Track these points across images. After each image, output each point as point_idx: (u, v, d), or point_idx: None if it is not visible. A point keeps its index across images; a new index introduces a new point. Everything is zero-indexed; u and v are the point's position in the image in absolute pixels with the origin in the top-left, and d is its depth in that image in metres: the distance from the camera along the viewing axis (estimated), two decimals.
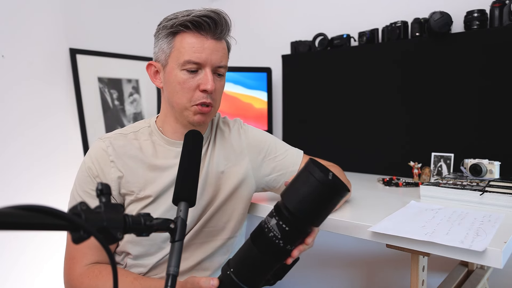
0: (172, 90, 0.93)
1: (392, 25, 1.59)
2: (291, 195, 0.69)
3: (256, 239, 0.72)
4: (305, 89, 1.88)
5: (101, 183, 0.54)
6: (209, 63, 0.91)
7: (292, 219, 0.69)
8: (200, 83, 0.91)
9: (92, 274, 0.88)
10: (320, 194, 0.66)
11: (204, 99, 0.91)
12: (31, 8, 1.58)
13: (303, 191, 0.67)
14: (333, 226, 1.00)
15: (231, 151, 1.05)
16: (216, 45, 0.92)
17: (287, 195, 0.70)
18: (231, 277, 0.72)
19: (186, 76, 0.91)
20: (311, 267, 2.08)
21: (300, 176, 0.69)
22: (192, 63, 0.90)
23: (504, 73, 1.35)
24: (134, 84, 1.95)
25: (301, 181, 0.68)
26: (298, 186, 0.68)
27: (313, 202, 0.67)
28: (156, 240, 0.94)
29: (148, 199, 0.94)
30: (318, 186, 0.66)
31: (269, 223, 0.70)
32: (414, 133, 1.56)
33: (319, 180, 0.66)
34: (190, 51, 0.89)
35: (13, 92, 1.53)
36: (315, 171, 0.66)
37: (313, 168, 0.67)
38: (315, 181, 0.66)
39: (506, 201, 1.03)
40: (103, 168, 0.92)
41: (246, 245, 0.73)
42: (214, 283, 0.72)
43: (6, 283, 1.51)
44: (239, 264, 0.73)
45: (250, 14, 2.23)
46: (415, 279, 0.93)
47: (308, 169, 0.68)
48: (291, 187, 0.70)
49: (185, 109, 0.93)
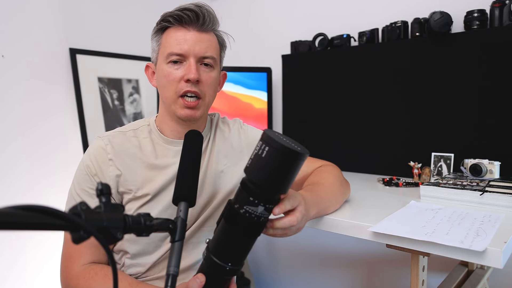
0: (160, 84, 0.95)
1: (392, 25, 1.59)
2: (253, 169, 0.66)
3: (229, 220, 0.69)
4: (305, 89, 1.88)
5: (101, 183, 0.54)
6: (192, 53, 0.91)
7: (258, 191, 0.66)
8: (184, 74, 0.91)
9: (88, 275, 0.87)
10: (278, 162, 0.64)
11: (188, 88, 0.91)
12: (31, 8, 1.58)
13: (263, 162, 0.65)
14: (333, 226, 1.00)
15: (231, 150, 1.05)
16: (199, 36, 0.92)
17: (250, 169, 0.67)
18: (214, 261, 0.69)
19: (170, 68, 0.92)
20: (311, 267, 2.08)
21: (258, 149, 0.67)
22: (175, 55, 0.91)
23: (504, 73, 1.35)
24: (134, 84, 1.95)
25: (258, 153, 0.66)
26: (258, 159, 0.66)
27: (273, 171, 0.64)
28: (154, 239, 0.94)
29: (146, 197, 0.94)
30: (274, 154, 0.63)
31: (239, 201, 0.68)
32: (414, 133, 1.56)
33: (276, 148, 0.63)
34: (173, 44, 0.91)
35: (13, 92, 1.53)
36: (271, 141, 0.64)
37: (269, 138, 0.64)
38: (272, 150, 0.63)
39: (506, 201, 1.03)
40: (101, 166, 0.92)
41: (222, 228, 0.70)
42: (201, 280, 0.70)
43: (6, 283, 1.51)
44: (219, 247, 0.70)
45: (250, 14, 2.23)
46: (415, 279, 0.93)
47: (264, 140, 0.65)
48: (253, 161, 0.67)
49: (173, 102, 0.93)
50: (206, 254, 0.71)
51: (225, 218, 0.69)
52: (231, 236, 0.69)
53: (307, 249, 2.07)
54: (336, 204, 1.04)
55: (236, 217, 0.67)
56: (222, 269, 0.69)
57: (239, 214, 0.67)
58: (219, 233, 0.70)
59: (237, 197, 0.68)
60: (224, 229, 0.69)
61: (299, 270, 2.14)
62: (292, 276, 2.17)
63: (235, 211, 0.67)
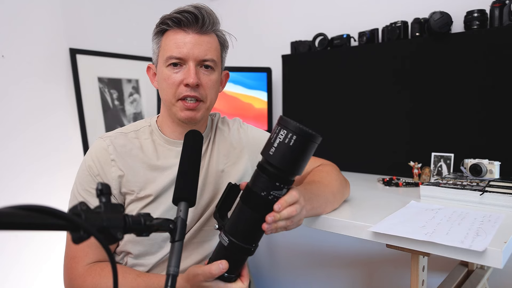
0: (160, 87, 0.95)
1: (392, 25, 1.59)
2: (281, 156, 0.70)
3: (257, 208, 0.73)
4: (305, 89, 1.88)
5: (101, 183, 0.54)
6: (191, 57, 0.91)
7: (283, 175, 0.71)
8: (184, 78, 0.91)
9: (95, 272, 0.88)
10: (304, 147, 0.69)
11: (188, 93, 0.91)
12: (31, 8, 1.58)
13: (290, 149, 0.69)
14: (333, 226, 1.00)
15: (231, 149, 1.06)
16: (199, 39, 0.91)
17: (276, 157, 0.71)
18: (241, 246, 0.75)
19: (170, 72, 0.92)
20: (311, 267, 2.08)
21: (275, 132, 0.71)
22: (174, 58, 0.91)
23: (504, 73, 1.35)
24: (134, 84, 1.95)
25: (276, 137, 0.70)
26: (284, 146, 0.70)
27: (299, 156, 0.70)
28: (157, 240, 0.94)
29: (148, 198, 0.94)
30: (301, 140, 0.68)
31: (265, 188, 0.72)
32: (414, 133, 1.56)
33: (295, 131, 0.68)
34: (172, 47, 0.91)
35: (13, 92, 1.53)
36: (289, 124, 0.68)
37: (293, 126, 0.68)
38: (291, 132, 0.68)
39: (506, 201, 1.03)
40: (104, 167, 0.92)
41: (247, 216, 0.75)
42: (224, 266, 0.75)
43: (6, 283, 1.51)
44: (246, 233, 0.75)
45: (250, 14, 2.23)
46: (415, 279, 0.93)
47: (286, 127, 0.69)
48: (279, 149, 0.70)
49: (172, 105, 0.93)
50: (229, 242, 0.75)
51: (252, 207, 0.73)
52: (258, 221, 0.74)
53: (307, 249, 2.07)
54: (334, 202, 1.03)
55: (265, 204, 0.72)
56: (248, 250, 0.77)
57: (268, 200, 0.72)
58: (245, 221, 0.75)
59: (262, 185, 0.72)
60: (251, 217, 0.74)
61: (299, 270, 2.14)
62: (292, 276, 2.17)
63: (263, 199, 0.72)
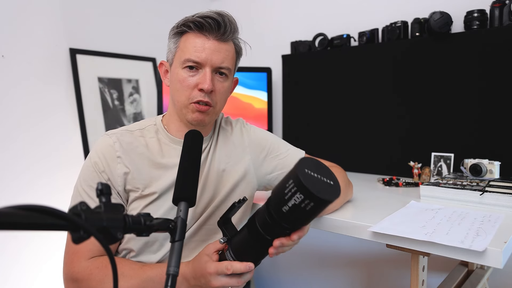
0: (174, 87, 0.96)
1: (392, 25, 1.59)
2: (293, 219, 0.69)
3: (265, 245, 0.76)
4: (305, 89, 1.88)
5: (101, 183, 0.54)
6: (209, 63, 0.92)
7: (289, 227, 0.72)
8: (199, 82, 0.92)
9: (101, 264, 0.87)
10: (317, 212, 0.68)
11: (201, 98, 0.92)
12: (31, 8, 1.58)
13: (304, 214, 0.67)
14: (333, 226, 1.00)
15: (233, 149, 1.06)
16: (218, 46, 0.92)
17: (288, 218, 0.69)
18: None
19: (186, 74, 0.93)
20: (311, 267, 2.08)
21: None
22: (191, 62, 0.91)
23: (504, 73, 1.35)
24: (134, 84, 1.95)
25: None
26: (300, 211, 0.66)
27: (311, 217, 0.70)
28: (158, 238, 0.94)
29: (152, 196, 0.94)
30: (315, 208, 0.66)
31: (272, 235, 0.74)
32: (414, 133, 1.56)
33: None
34: (191, 50, 0.91)
35: (13, 92, 1.53)
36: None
37: (309, 193, 0.63)
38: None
39: (506, 201, 1.03)
40: (110, 164, 0.92)
41: (244, 239, 0.77)
42: (250, 265, 0.76)
43: (6, 283, 1.51)
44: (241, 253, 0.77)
45: (250, 14, 2.23)
46: (415, 279, 0.93)
47: (303, 192, 0.63)
48: (292, 212, 0.67)
49: (184, 106, 0.94)
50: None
51: (261, 245, 0.76)
52: (260, 252, 0.77)
53: (307, 249, 2.07)
54: (337, 205, 1.04)
55: (269, 244, 0.75)
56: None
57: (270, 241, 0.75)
58: (249, 248, 0.77)
59: (271, 231, 0.73)
60: (255, 248, 0.77)
61: (299, 270, 2.14)
62: (292, 276, 2.17)
63: (269, 243, 0.75)
